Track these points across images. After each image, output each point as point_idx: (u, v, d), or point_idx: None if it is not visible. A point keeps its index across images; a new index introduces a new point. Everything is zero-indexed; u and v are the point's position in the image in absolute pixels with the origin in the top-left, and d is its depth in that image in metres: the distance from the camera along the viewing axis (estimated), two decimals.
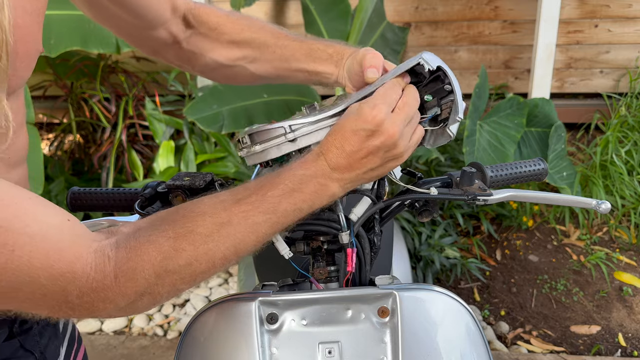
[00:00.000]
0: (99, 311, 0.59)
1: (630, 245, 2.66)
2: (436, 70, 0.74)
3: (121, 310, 0.61)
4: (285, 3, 3.41)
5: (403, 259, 1.39)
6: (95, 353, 2.16)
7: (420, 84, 0.75)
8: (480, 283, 2.49)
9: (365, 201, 0.81)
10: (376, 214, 0.83)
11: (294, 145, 0.76)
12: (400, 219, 2.45)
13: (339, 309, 0.80)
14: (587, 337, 2.20)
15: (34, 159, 2.15)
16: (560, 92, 3.43)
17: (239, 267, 1.49)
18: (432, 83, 0.75)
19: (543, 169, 0.92)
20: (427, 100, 0.75)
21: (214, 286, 2.54)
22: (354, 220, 0.81)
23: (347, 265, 0.79)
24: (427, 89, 0.75)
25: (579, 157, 3.11)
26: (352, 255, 0.79)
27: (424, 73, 0.74)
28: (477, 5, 3.30)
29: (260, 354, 0.77)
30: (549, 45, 3.17)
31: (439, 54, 0.80)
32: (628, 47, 3.29)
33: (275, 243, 0.80)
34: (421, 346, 0.77)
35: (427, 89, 0.75)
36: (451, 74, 0.74)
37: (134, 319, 2.37)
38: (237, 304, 0.80)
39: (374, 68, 0.78)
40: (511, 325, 2.28)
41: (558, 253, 2.65)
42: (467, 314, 0.81)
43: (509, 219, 2.79)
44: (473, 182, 0.83)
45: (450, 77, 0.74)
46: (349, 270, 0.79)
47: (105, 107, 3.06)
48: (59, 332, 0.86)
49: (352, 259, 0.79)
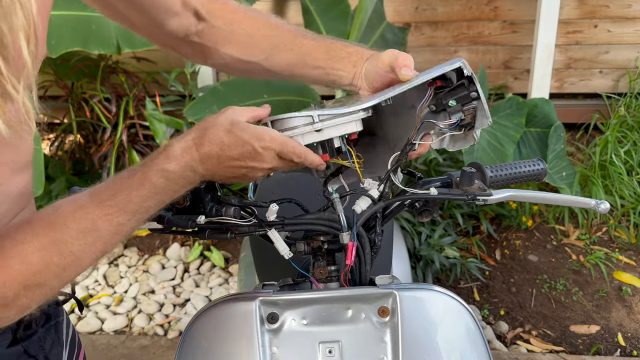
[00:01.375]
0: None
1: (630, 245, 2.66)
2: (462, 76, 0.76)
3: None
4: (285, 3, 3.41)
5: (403, 259, 1.40)
6: (96, 353, 2.16)
7: (444, 89, 0.78)
8: (479, 283, 2.49)
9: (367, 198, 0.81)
10: (378, 213, 0.83)
11: (319, 136, 0.76)
12: (400, 219, 2.45)
13: (339, 309, 0.80)
14: (586, 337, 2.21)
15: (34, 159, 2.15)
16: (560, 92, 3.44)
17: (239, 267, 1.49)
18: (457, 89, 0.78)
19: (542, 169, 0.93)
20: (451, 105, 0.78)
21: (215, 286, 2.54)
22: (358, 212, 0.81)
23: (346, 259, 0.79)
24: (452, 94, 0.78)
25: (578, 157, 3.12)
26: (353, 249, 0.79)
27: (452, 78, 0.77)
28: (477, 5, 3.30)
29: (260, 353, 0.77)
30: (549, 46, 3.17)
31: (439, 55, 0.82)
32: (627, 48, 3.29)
33: (275, 244, 0.81)
34: (421, 346, 0.77)
35: (452, 94, 0.78)
36: (477, 80, 0.76)
37: (134, 318, 2.37)
38: (238, 303, 0.80)
39: (407, 67, 0.79)
40: (511, 325, 2.28)
41: (557, 253, 2.65)
42: (466, 314, 0.81)
43: (508, 219, 2.80)
44: (473, 182, 0.83)
45: (477, 84, 0.76)
46: (348, 264, 0.79)
47: (106, 107, 3.06)
48: (61, 336, 0.86)
49: (352, 253, 0.79)
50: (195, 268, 2.68)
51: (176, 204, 0.80)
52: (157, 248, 2.83)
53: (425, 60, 3.44)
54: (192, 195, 0.80)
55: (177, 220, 0.80)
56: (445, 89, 0.78)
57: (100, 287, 2.60)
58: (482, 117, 0.78)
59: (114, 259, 2.77)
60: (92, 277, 2.65)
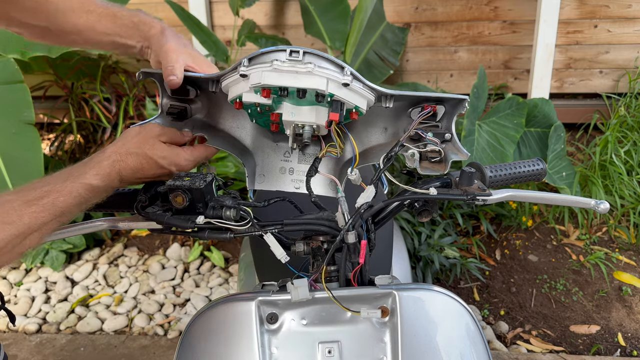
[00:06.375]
0: None
1: (630, 245, 2.66)
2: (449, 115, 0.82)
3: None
4: (285, 4, 3.41)
5: (402, 259, 1.40)
6: (96, 353, 2.16)
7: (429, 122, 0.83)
8: (479, 283, 2.49)
9: (369, 191, 0.80)
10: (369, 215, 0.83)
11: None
12: (400, 219, 2.45)
13: (338, 309, 0.80)
14: (586, 337, 2.21)
15: (34, 159, 2.16)
16: (560, 93, 3.44)
17: (239, 267, 1.49)
18: (434, 127, 0.83)
19: (542, 169, 0.93)
20: (429, 136, 0.82)
21: (215, 286, 2.54)
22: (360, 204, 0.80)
23: (359, 257, 0.79)
24: (431, 128, 0.83)
25: (578, 157, 3.12)
26: (365, 247, 0.79)
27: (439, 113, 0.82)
28: (477, 5, 3.30)
29: (260, 353, 0.77)
30: (549, 46, 3.18)
31: (439, 55, 0.83)
32: (627, 48, 3.29)
33: (271, 248, 0.80)
34: (421, 346, 0.77)
35: (431, 129, 0.83)
36: (454, 123, 0.83)
37: (134, 318, 2.37)
38: (237, 303, 0.80)
39: (174, 77, 0.84)
40: (511, 325, 2.28)
41: (557, 253, 2.65)
42: (466, 314, 0.81)
43: (508, 219, 2.80)
44: (472, 182, 0.83)
45: (453, 128, 0.83)
46: (361, 262, 0.79)
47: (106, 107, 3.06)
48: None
49: (364, 251, 0.78)
50: (195, 268, 2.68)
51: (175, 204, 0.81)
52: (157, 248, 2.83)
53: (425, 60, 3.44)
54: (190, 195, 0.80)
55: (176, 220, 0.80)
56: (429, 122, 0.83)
57: (101, 287, 2.60)
58: (456, 151, 0.82)
59: (114, 259, 2.77)
60: (92, 277, 2.65)
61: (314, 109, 0.79)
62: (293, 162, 0.96)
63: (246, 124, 0.95)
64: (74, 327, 2.34)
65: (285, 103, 0.80)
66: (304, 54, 0.74)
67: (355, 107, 0.78)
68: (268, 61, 0.75)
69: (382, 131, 0.92)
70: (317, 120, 0.79)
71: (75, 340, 2.25)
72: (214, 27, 3.49)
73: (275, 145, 0.96)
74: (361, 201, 0.79)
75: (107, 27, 0.92)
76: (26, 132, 2.19)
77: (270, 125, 0.88)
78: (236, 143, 0.95)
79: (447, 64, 3.44)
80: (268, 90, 0.76)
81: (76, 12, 0.92)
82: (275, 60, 0.74)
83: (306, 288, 0.77)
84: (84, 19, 0.92)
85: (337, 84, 0.75)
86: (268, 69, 0.74)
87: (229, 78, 0.80)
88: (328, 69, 0.75)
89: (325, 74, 0.74)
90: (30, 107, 2.20)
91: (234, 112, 0.94)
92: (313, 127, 0.81)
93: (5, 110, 2.19)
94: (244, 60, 0.76)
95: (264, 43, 3.10)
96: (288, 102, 0.80)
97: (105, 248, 2.85)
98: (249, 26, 3.27)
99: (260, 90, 0.76)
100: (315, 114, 0.79)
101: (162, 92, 0.90)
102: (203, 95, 0.92)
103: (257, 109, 0.81)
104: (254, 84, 0.75)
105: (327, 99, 0.76)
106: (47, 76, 3.22)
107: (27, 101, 2.21)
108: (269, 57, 0.75)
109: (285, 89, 0.75)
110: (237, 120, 0.95)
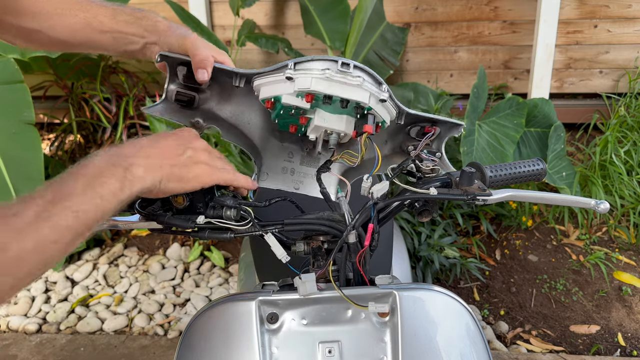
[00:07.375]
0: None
1: (630, 245, 2.66)
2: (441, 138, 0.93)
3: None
4: (285, 4, 3.41)
5: (403, 259, 1.40)
6: (96, 353, 2.16)
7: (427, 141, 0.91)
8: (479, 283, 2.49)
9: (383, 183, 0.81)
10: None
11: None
12: (400, 219, 2.45)
13: (339, 309, 0.80)
14: (586, 337, 2.21)
15: (34, 159, 2.16)
16: (560, 93, 3.44)
17: (239, 267, 1.49)
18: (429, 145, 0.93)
19: (542, 169, 0.93)
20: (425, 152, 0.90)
21: (215, 286, 2.54)
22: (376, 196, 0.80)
23: (364, 241, 0.79)
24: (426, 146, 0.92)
25: (578, 157, 3.12)
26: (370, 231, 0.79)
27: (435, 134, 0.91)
28: (477, 5, 3.30)
29: (260, 353, 0.77)
30: (549, 46, 3.18)
31: (439, 55, 0.86)
32: (627, 48, 3.29)
33: (272, 248, 0.80)
34: (421, 345, 0.77)
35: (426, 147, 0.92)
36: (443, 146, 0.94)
37: (134, 318, 2.37)
38: (238, 303, 0.80)
39: (204, 70, 0.82)
40: (511, 325, 2.28)
41: (557, 253, 2.65)
42: (466, 314, 0.81)
43: (508, 219, 2.80)
44: (472, 182, 0.83)
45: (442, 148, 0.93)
46: (366, 245, 0.79)
47: (106, 107, 3.06)
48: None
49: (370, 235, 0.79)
50: (195, 268, 2.68)
51: (176, 204, 0.81)
52: (157, 248, 2.83)
53: (425, 60, 3.44)
54: (191, 195, 0.80)
55: (177, 220, 0.80)
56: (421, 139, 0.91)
57: (101, 287, 2.60)
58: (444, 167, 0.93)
59: (114, 259, 2.77)
60: (92, 277, 2.65)
61: (344, 117, 0.83)
62: (295, 163, 1.00)
63: (255, 122, 0.96)
64: (74, 327, 2.34)
65: (319, 110, 0.83)
66: (354, 68, 0.78)
67: (383, 121, 0.84)
68: (316, 68, 0.78)
69: (383, 143, 0.98)
70: (346, 129, 0.84)
71: (75, 340, 2.25)
72: (214, 27, 3.49)
73: (281, 145, 0.99)
74: (376, 188, 0.80)
75: (104, 24, 0.89)
76: (26, 132, 2.18)
77: (289, 127, 0.90)
78: (247, 140, 0.97)
79: (447, 64, 3.44)
80: (312, 96, 0.79)
81: (72, 12, 0.89)
82: (327, 70, 0.77)
83: (314, 283, 0.79)
84: (80, 17, 0.89)
85: (376, 98, 0.80)
86: (319, 76, 0.77)
87: (266, 77, 0.82)
88: (371, 83, 0.79)
89: (369, 88, 0.78)
90: (30, 107, 2.20)
91: (244, 108, 0.95)
92: (340, 134, 0.86)
93: (5, 110, 2.19)
94: (290, 64, 0.78)
95: (264, 43, 3.10)
96: (323, 109, 0.83)
97: (105, 248, 2.85)
98: (249, 26, 3.27)
99: (303, 94, 0.79)
100: (345, 123, 0.83)
101: (171, 78, 0.88)
102: (215, 86, 0.92)
103: (290, 110, 0.83)
104: (302, 88, 0.78)
105: (359, 110, 0.81)
106: (47, 76, 3.22)
107: (27, 101, 2.21)
108: (316, 65, 0.78)
109: (330, 97, 0.79)
110: (246, 116, 0.96)
